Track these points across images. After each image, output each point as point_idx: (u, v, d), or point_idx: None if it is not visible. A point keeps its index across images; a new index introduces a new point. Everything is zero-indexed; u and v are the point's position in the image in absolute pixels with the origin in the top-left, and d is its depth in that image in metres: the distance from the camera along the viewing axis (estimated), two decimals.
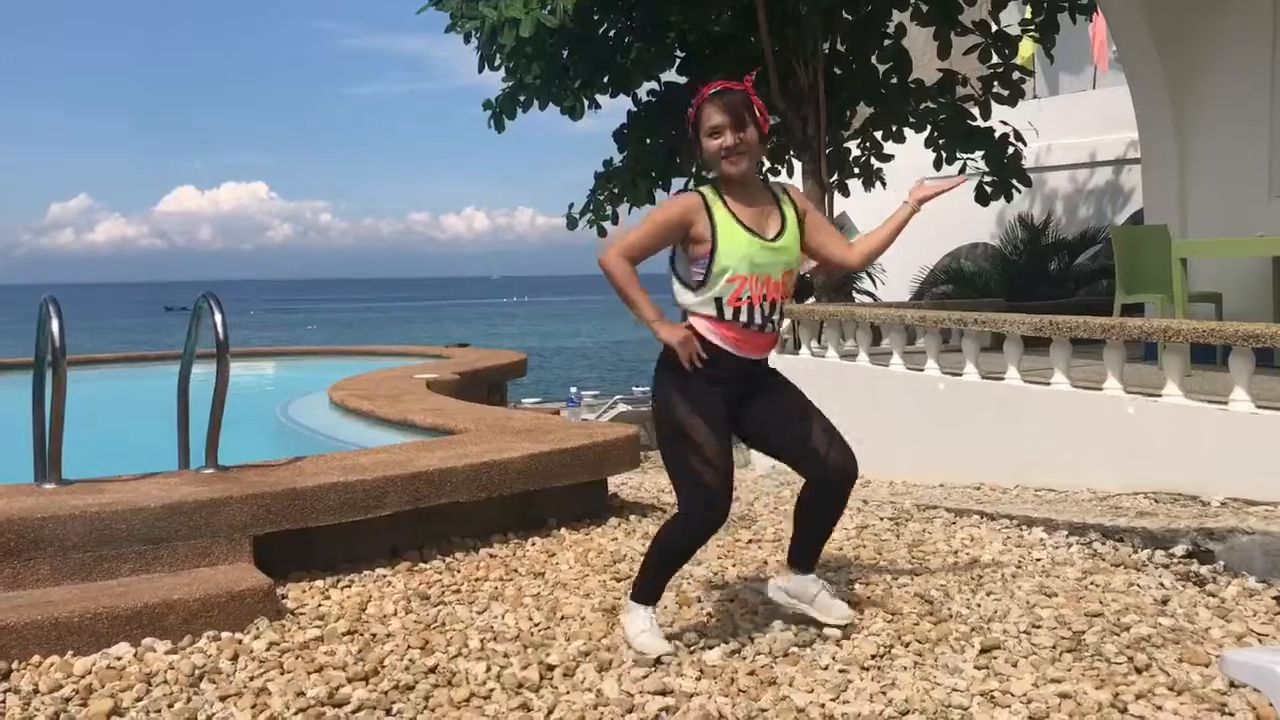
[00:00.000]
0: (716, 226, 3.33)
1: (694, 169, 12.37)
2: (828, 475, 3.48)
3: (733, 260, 3.31)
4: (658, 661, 3.33)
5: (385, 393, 7.12)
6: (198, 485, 4.28)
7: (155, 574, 3.92)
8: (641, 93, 12.17)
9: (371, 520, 4.37)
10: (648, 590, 3.49)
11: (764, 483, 7.73)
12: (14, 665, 3.36)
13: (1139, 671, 3.21)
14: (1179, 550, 4.41)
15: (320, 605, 3.95)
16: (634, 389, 17.64)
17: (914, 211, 3.61)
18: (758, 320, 3.37)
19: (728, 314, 3.34)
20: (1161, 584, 4.09)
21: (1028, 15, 12.22)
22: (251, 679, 3.29)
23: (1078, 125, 15.55)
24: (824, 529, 3.66)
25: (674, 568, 3.55)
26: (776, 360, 9.24)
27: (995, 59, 11.94)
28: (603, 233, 12.57)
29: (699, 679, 3.22)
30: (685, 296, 3.41)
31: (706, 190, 3.42)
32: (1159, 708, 2.96)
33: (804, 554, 3.65)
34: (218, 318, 4.56)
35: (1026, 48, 12.72)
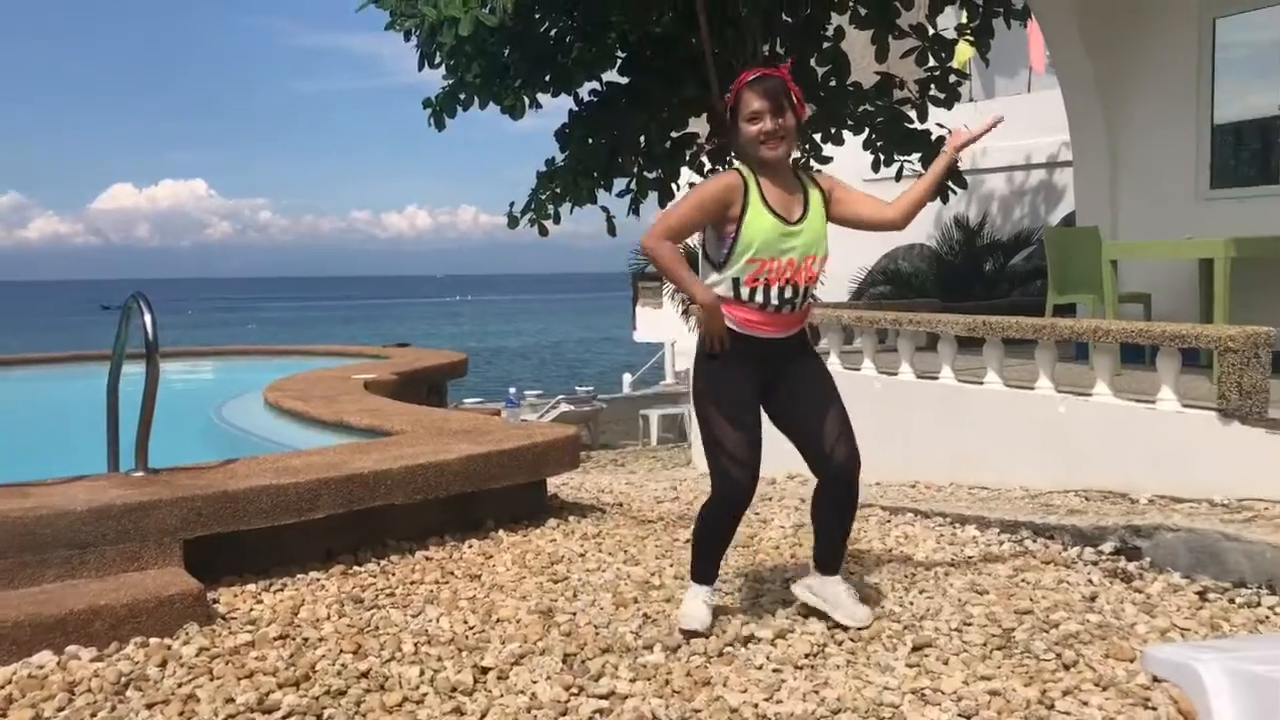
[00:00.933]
0: (748, 206, 3.44)
1: (635, 169, 12.37)
2: (828, 470, 3.61)
3: (755, 241, 3.42)
4: (691, 634, 3.48)
5: (321, 393, 7.04)
6: (127, 488, 4.21)
7: (81, 580, 3.84)
8: (583, 92, 12.13)
9: (305, 523, 4.32)
10: (696, 568, 3.66)
11: (704, 483, 7.74)
12: None
13: (1066, 668, 3.27)
14: (1107, 547, 4.50)
15: (252, 609, 3.90)
16: (576, 389, 17.64)
17: (952, 160, 3.78)
18: (774, 301, 3.46)
19: (744, 294, 3.45)
20: (1090, 581, 4.16)
21: (964, 20, 12.37)
22: (179, 686, 3.23)
23: (1012, 128, 15.74)
24: (835, 529, 3.74)
25: (710, 544, 3.64)
26: None
27: (932, 62, 12.06)
28: (544, 232, 12.51)
29: (634, 680, 3.22)
30: (709, 274, 3.52)
31: (744, 169, 3.51)
32: (1085, 703, 3.01)
33: (822, 555, 3.77)
34: (147, 318, 4.48)
35: (963, 52, 12.86)
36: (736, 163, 3.58)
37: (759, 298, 3.46)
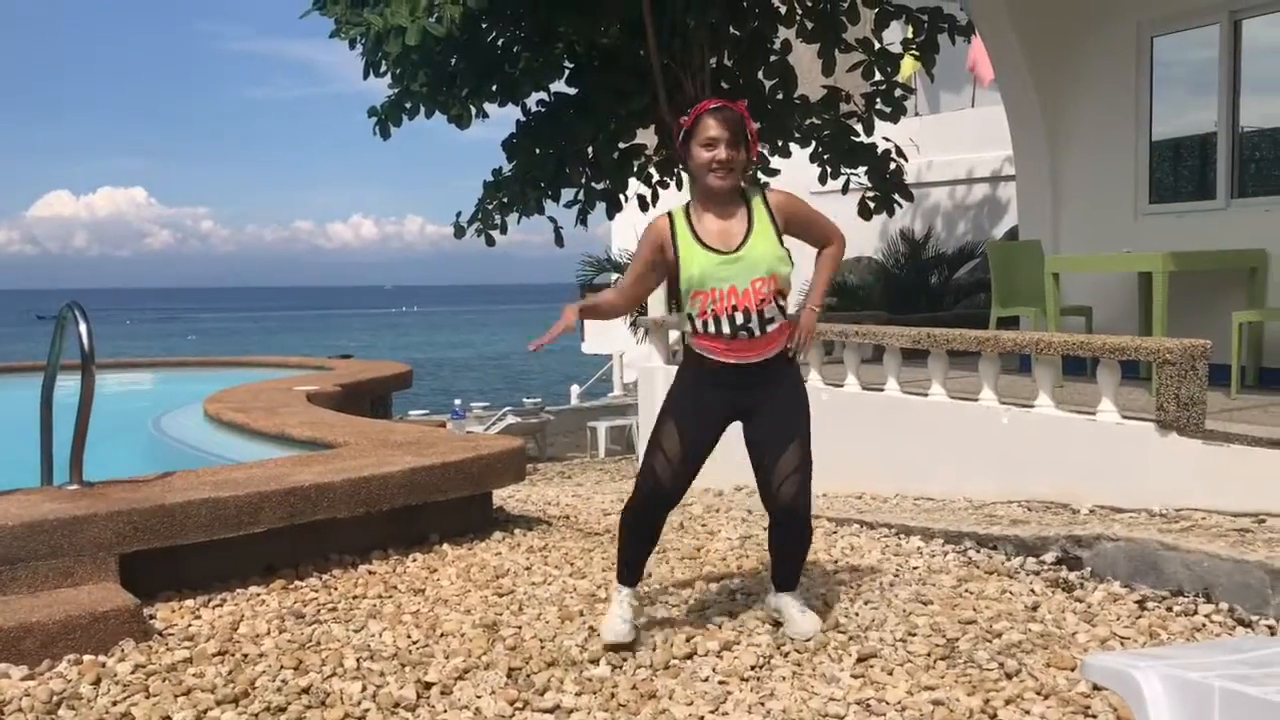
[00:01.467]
0: (679, 249, 3.50)
1: (583, 179, 12.36)
2: (772, 508, 3.65)
3: (692, 279, 3.47)
4: (613, 648, 3.48)
5: (262, 405, 6.95)
6: (60, 502, 4.11)
7: (12, 595, 3.75)
8: (530, 103, 12.11)
9: (245, 537, 4.25)
10: (619, 570, 3.71)
11: None
12: None
13: (1009, 677, 3.29)
14: (1049, 557, 4.55)
15: (190, 625, 3.82)
16: (524, 400, 17.52)
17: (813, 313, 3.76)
18: (726, 330, 3.48)
19: (699, 326, 3.51)
20: (1032, 590, 4.20)
21: (910, 35, 12.51)
22: (114, 704, 3.16)
23: (957, 142, 15.97)
24: (787, 557, 3.78)
25: (626, 545, 3.68)
26: (664, 370, 9.32)
27: (878, 76, 12.19)
28: (490, 242, 12.46)
29: (579, 694, 3.20)
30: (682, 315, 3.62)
31: (676, 212, 3.57)
32: (1027, 712, 3.04)
33: (776, 575, 3.81)
34: (82, 328, 4.39)
35: (908, 66, 13.01)
36: (678, 206, 3.63)
37: (712, 328, 3.49)
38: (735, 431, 3.67)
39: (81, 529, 3.89)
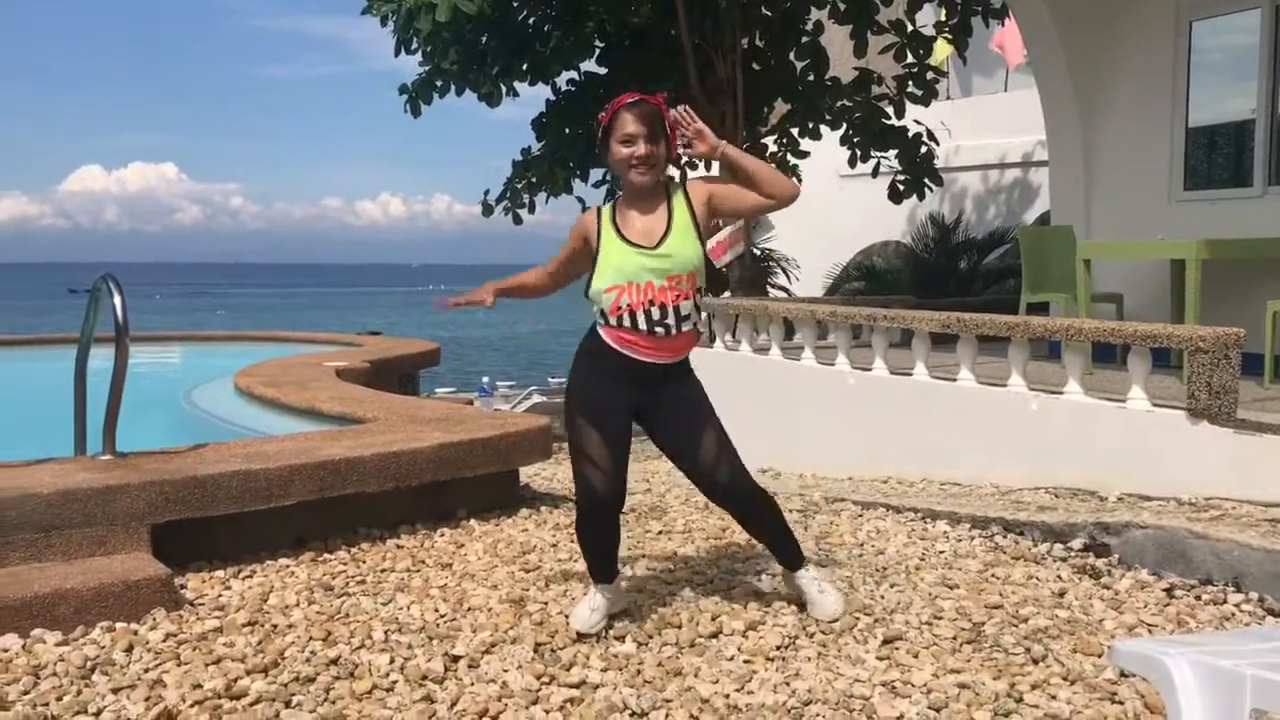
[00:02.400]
0: (600, 243, 3.48)
1: None
2: (714, 495, 3.61)
3: (607, 272, 3.44)
4: (580, 636, 3.47)
5: (292, 380, 6.99)
6: (94, 472, 4.16)
7: (47, 563, 3.80)
8: (560, 82, 12.12)
9: (275, 509, 4.29)
10: (589, 569, 3.67)
11: (676, 475, 7.74)
12: None
13: (1035, 662, 3.28)
14: (1076, 544, 4.53)
15: (220, 595, 3.87)
16: (549, 379, 17.58)
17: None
18: (642, 325, 3.43)
19: (612, 320, 3.46)
20: (1059, 576, 4.19)
21: (943, 17, 12.42)
22: (146, 671, 3.20)
23: (988, 126, 15.86)
24: (764, 534, 3.75)
25: (588, 551, 3.65)
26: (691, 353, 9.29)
27: (910, 59, 12.11)
28: (518, 220, 12.51)
29: (605, 670, 3.22)
30: (591, 308, 3.57)
31: (605, 209, 3.55)
32: (1053, 697, 3.03)
33: (774, 554, 3.79)
34: (116, 300, 4.43)
35: (940, 49, 12.93)
36: (601, 205, 3.61)
37: (627, 322, 3.44)
38: (751, 411, 3.67)
39: (115, 498, 3.94)
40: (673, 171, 3.72)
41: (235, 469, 4.20)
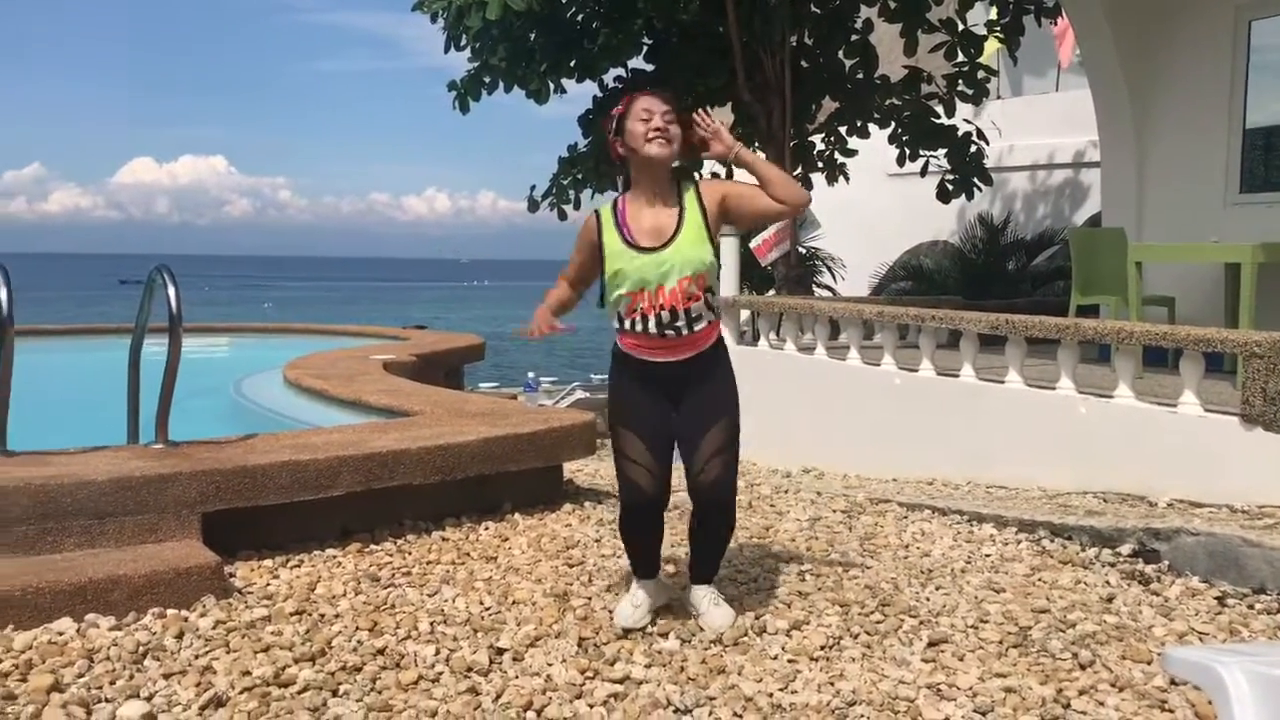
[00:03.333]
0: (604, 249, 3.45)
1: None
2: (694, 492, 3.54)
3: (618, 278, 3.42)
4: (627, 631, 3.48)
5: (340, 372, 7.06)
6: (147, 460, 4.22)
7: (101, 549, 3.87)
8: (608, 79, 12.13)
9: (323, 500, 4.33)
10: (632, 565, 3.70)
11: None
12: None
13: (1083, 668, 3.25)
14: (1125, 549, 4.47)
15: (269, 584, 3.91)
16: (592, 376, 17.58)
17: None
18: (653, 329, 3.41)
19: (625, 324, 3.45)
20: (1107, 582, 4.14)
21: (994, 16, 12.30)
22: (196, 657, 3.25)
23: (1039, 126, 15.69)
24: (706, 545, 3.68)
25: (632, 548, 3.67)
26: (734, 350, 9.28)
27: (961, 58, 12.00)
28: (563, 216, 12.52)
29: (649, 666, 3.22)
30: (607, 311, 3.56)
31: (604, 211, 3.52)
32: (1101, 703, 3.00)
33: (693, 566, 3.72)
34: (171, 291, 4.49)
35: (990, 47, 12.80)
36: (600, 207, 3.57)
37: (639, 327, 3.41)
38: (795, 411, 3.66)
39: (167, 487, 4.00)
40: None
41: (284, 459, 4.25)
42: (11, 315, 4.27)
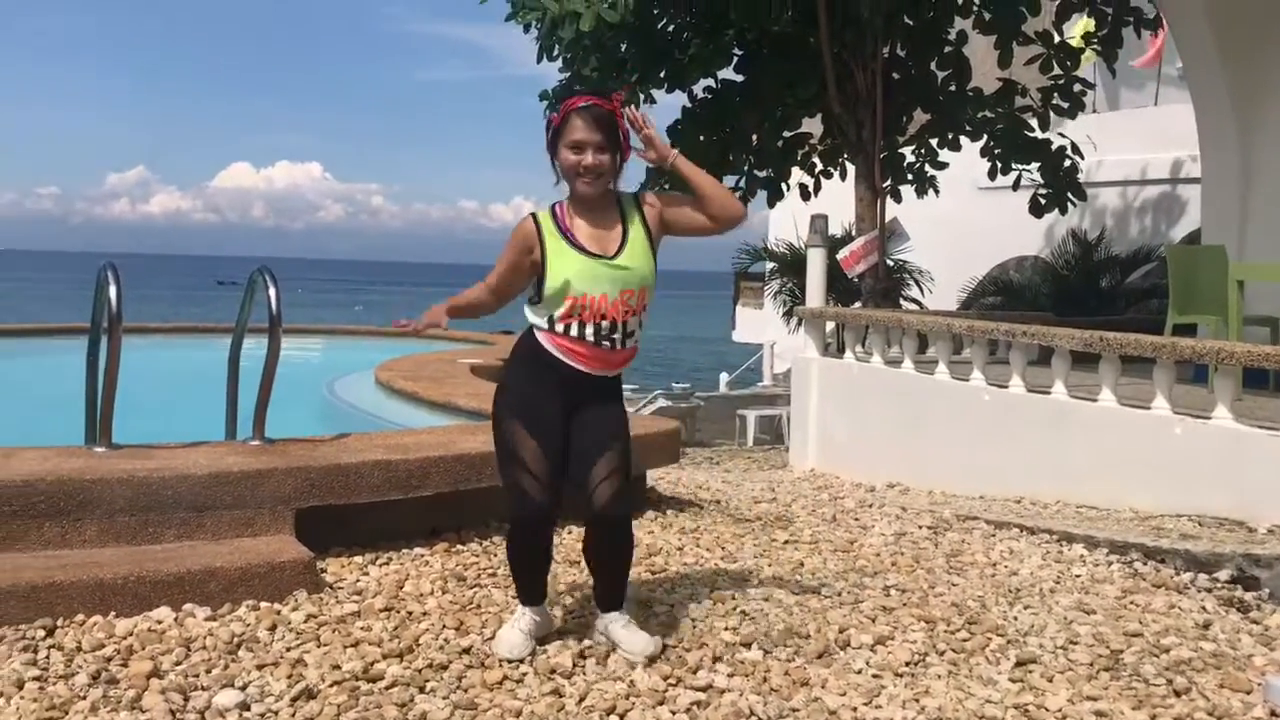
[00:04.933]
0: (546, 252, 3.30)
1: (746, 167, 12.33)
2: (588, 511, 3.32)
3: (561, 282, 3.27)
4: (505, 660, 3.28)
5: (430, 375, 7.17)
6: (244, 456, 4.33)
7: (198, 541, 3.98)
8: (697, 89, 12.14)
9: (412, 500, 4.40)
10: (518, 590, 3.49)
11: (802, 485, 7.71)
12: (59, 622, 3.42)
13: (1178, 694, 3.17)
14: (1223, 575, 4.36)
15: (358, 581, 3.99)
16: (673, 385, 17.61)
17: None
18: (590, 337, 3.30)
19: (559, 327, 3.32)
20: (1203, 608, 4.04)
21: (1090, 27, 12.09)
22: (288, 650, 3.32)
23: (1135, 140, 15.36)
24: (605, 570, 3.46)
25: (519, 567, 3.46)
26: (819, 362, 9.25)
27: (1056, 70, 11.81)
28: None
29: (732, 676, 3.22)
30: (527, 311, 3.42)
31: (542, 215, 3.37)
32: None
33: (598, 593, 3.50)
34: (271, 292, 4.61)
35: (1087, 59, 12.56)
36: (543, 209, 3.41)
37: (574, 331, 3.29)
38: (880, 425, 3.62)
39: (263, 482, 4.10)
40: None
41: (377, 459, 4.33)
42: (120, 312, 4.42)
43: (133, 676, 3.08)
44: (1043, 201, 12.02)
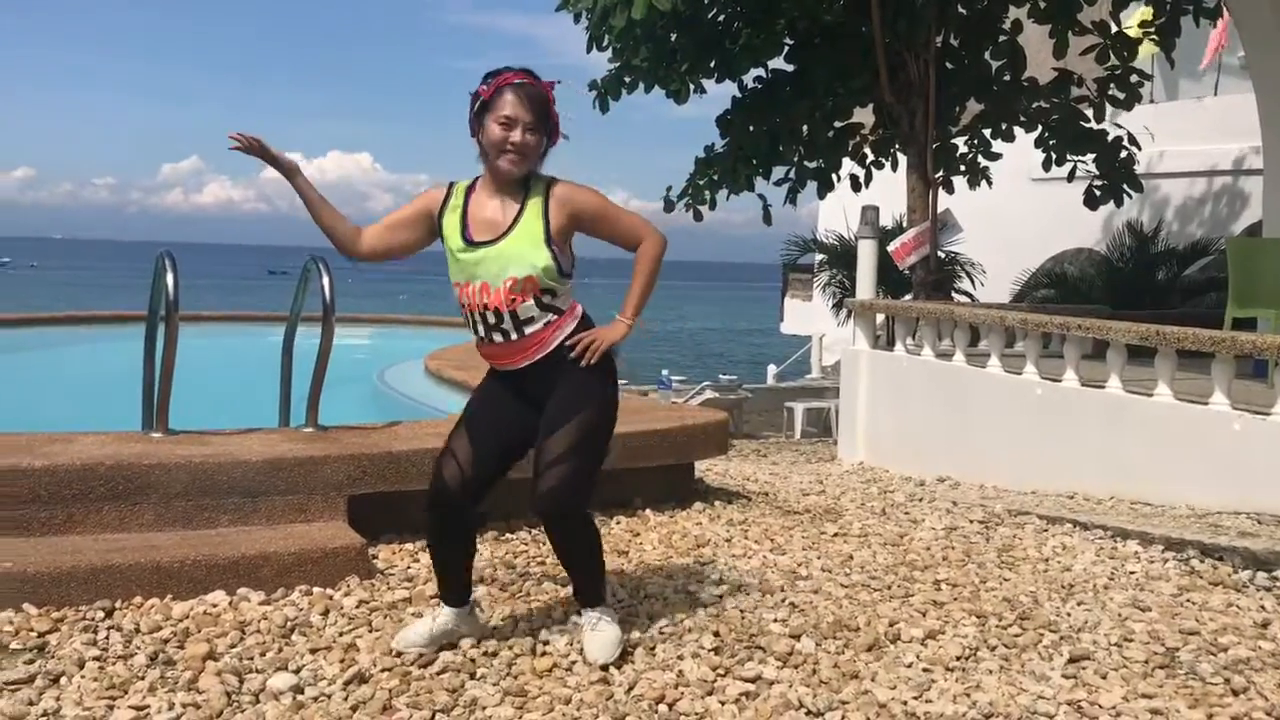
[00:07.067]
0: (444, 226, 3.21)
1: (796, 157, 12.25)
2: (531, 497, 3.18)
3: (452, 265, 3.18)
4: (396, 653, 3.23)
5: (479, 363, 7.16)
6: (297, 443, 4.39)
7: (253, 526, 4.03)
8: (747, 79, 12.08)
9: None
10: (438, 585, 3.39)
11: (850, 478, 7.67)
12: (117, 604, 3.49)
13: (1235, 694, 3.12)
14: None
15: (409, 567, 4.02)
16: (721, 376, 17.55)
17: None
18: (480, 331, 3.20)
19: (465, 318, 3.26)
20: (1262, 606, 3.96)
21: (1148, 16, 11.87)
22: (341, 634, 3.36)
23: (1194, 131, 15.09)
24: (564, 561, 3.37)
25: (435, 559, 3.37)
26: (868, 354, 9.19)
27: (1113, 60, 11.61)
28: (699, 216, 12.53)
29: (781, 667, 3.21)
30: None
31: (458, 187, 3.26)
32: None
33: (572, 586, 3.43)
34: (325, 281, 4.65)
35: (1145, 50, 12.33)
36: (456, 181, 3.29)
37: (472, 325, 3.20)
38: (930, 418, 3.58)
39: (316, 469, 4.15)
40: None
41: (428, 447, 4.35)
42: (178, 300, 4.48)
43: (189, 658, 3.13)
44: (1098, 193, 11.84)
